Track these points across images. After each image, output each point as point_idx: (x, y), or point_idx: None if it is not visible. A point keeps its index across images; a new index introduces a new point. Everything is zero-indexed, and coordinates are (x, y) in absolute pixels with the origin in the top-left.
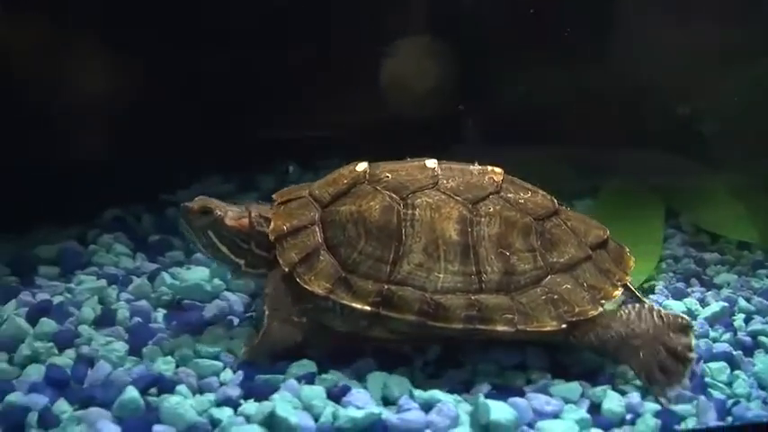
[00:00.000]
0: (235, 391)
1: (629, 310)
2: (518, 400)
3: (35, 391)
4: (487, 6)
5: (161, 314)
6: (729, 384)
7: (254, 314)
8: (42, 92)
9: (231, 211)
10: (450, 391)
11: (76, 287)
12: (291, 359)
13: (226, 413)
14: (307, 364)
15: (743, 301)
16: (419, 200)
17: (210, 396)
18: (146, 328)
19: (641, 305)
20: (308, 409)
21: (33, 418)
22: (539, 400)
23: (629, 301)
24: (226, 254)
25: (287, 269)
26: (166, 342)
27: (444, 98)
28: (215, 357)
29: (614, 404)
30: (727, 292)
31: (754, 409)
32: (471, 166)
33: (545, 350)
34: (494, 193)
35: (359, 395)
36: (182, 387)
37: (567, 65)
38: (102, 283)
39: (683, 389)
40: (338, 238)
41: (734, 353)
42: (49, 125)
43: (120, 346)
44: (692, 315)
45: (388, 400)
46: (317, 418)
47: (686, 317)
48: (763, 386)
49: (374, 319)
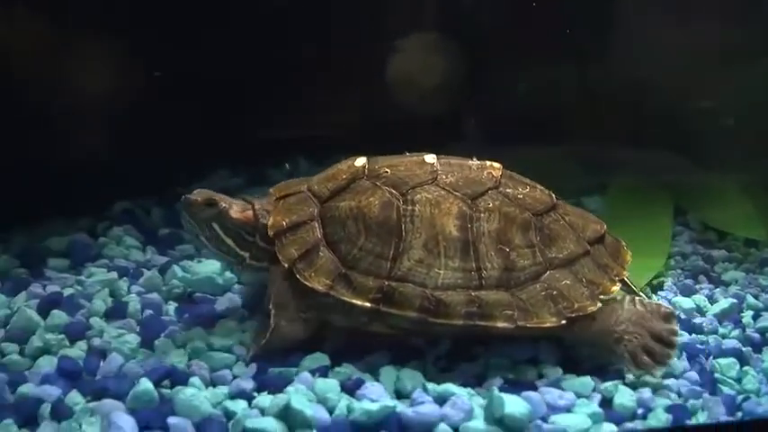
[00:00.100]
0: (248, 384)
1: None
2: (531, 394)
3: (47, 383)
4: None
5: (172, 307)
6: (739, 380)
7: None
8: (53, 88)
9: (235, 204)
10: (463, 385)
11: (87, 279)
12: (305, 352)
13: (240, 405)
14: (320, 358)
15: (751, 298)
16: (419, 196)
17: (224, 389)
18: (157, 321)
19: (624, 295)
20: (322, 401)
21: (46, 409)
22: (552, 395)
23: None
24: (231, 246)
25: (286, 265)
26: (178, 335)
27: (452, 94)
28: (227, 350)
29: (626, 399)
30: (735, 289)
31: (765, 405)
32: (470, 161)
33: (557, 345)
34: (492, 189)
35: (373, 388)
36: (195, 379)
37: (577, 62)
38: (113, 275)
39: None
40: (338, 235)
41: (743, 349)
42: (60, 120)
43: (132, 339)
44: (701, 312)
45: (401, 394)
46: (331, 411)
47: (669, 306)
48: None
49: (374, 315)
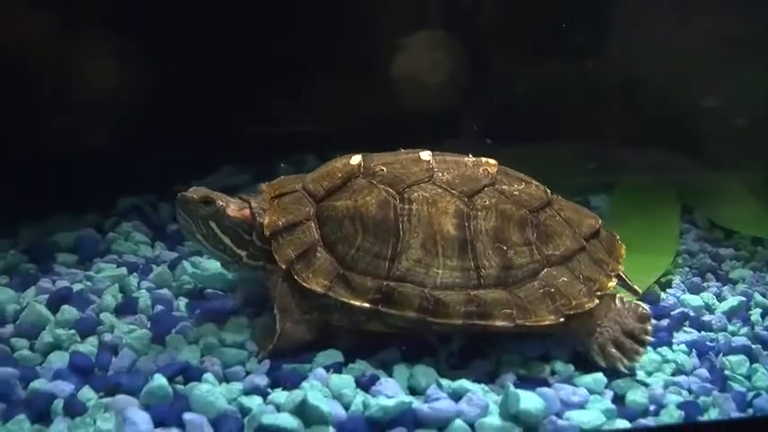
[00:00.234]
0: (262, 380)
1: None
2: (546, 390)
3: (60, 378)
4: None
5: (183, 303)
6: (749, 377)
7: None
8: (61, 83)
9: (232, 202)
10: (476, 382)
11: (96, 275)
12: (318, 349)
13: (255, 401)
14: (333, 354)
15: (759, 296)
16: (415, 194)
17: (238, 385)
18: (169, 317)
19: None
20: (337, 397)
21: (59, 405)
22: (565, 391)
23: None
24: (228, 245)
25: (284, 266)
26: (190, 331)
27: (459, 91)
28: (240, 346)
29: (638, 395)
30: (742, 287)
31: None
32: (465, 158)
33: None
34: (488, 186)
35: (388, 384)
36: (208, 375)
37: (584, 61)
38: (123, 271)
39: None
40: (335, 235)
41: (752, 346)
42: (66, 116)
43: (144, 334)
44: (709, 309)
45: (414, 390)
46: (347, 407)
47: (647, 307)
48: None
49: (373, 315)
